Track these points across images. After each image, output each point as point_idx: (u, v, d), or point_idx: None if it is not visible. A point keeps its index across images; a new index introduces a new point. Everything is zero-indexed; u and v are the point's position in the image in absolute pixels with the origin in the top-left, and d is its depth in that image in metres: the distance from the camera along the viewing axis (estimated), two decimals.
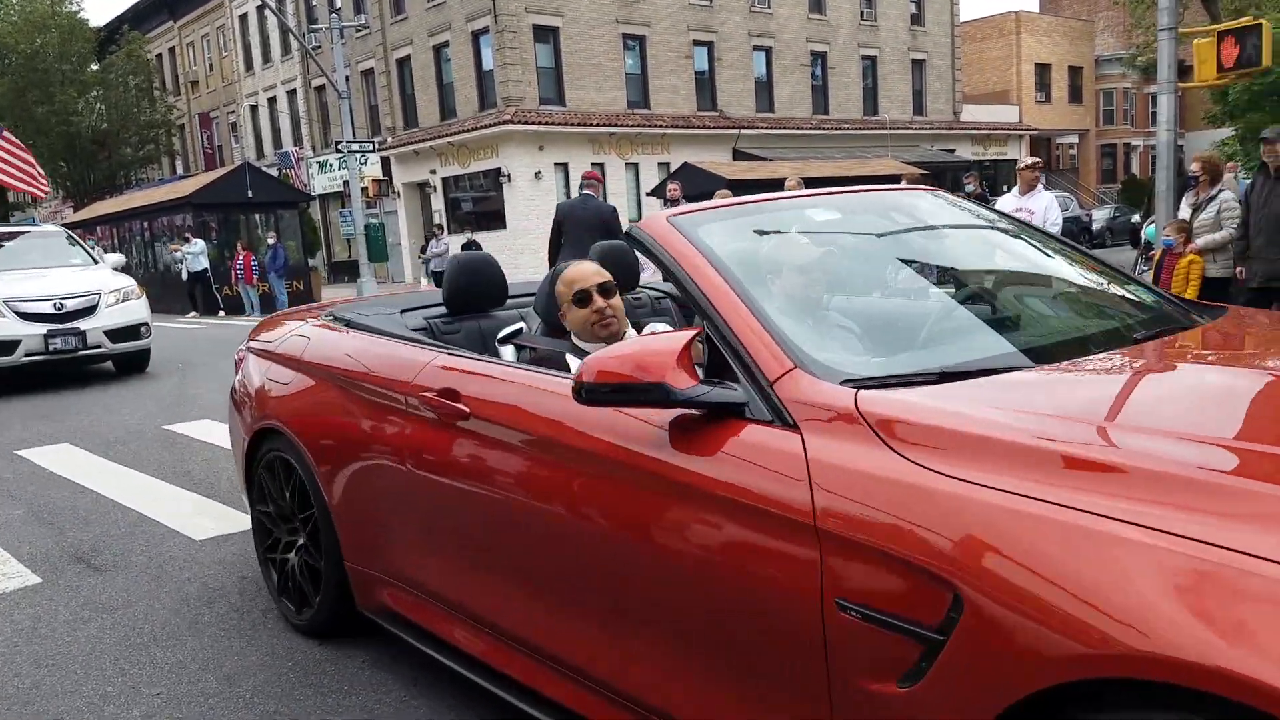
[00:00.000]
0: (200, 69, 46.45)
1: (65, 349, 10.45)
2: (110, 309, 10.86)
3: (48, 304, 10.44)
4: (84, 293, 10.77)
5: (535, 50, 29.39)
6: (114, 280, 11.37)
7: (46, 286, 10.68)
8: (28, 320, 10.30)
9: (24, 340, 10.23)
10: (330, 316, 3.83)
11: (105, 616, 4.02)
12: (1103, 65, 50.90)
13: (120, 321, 10.94)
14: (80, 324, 10.57)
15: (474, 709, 3.10)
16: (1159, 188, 11.14)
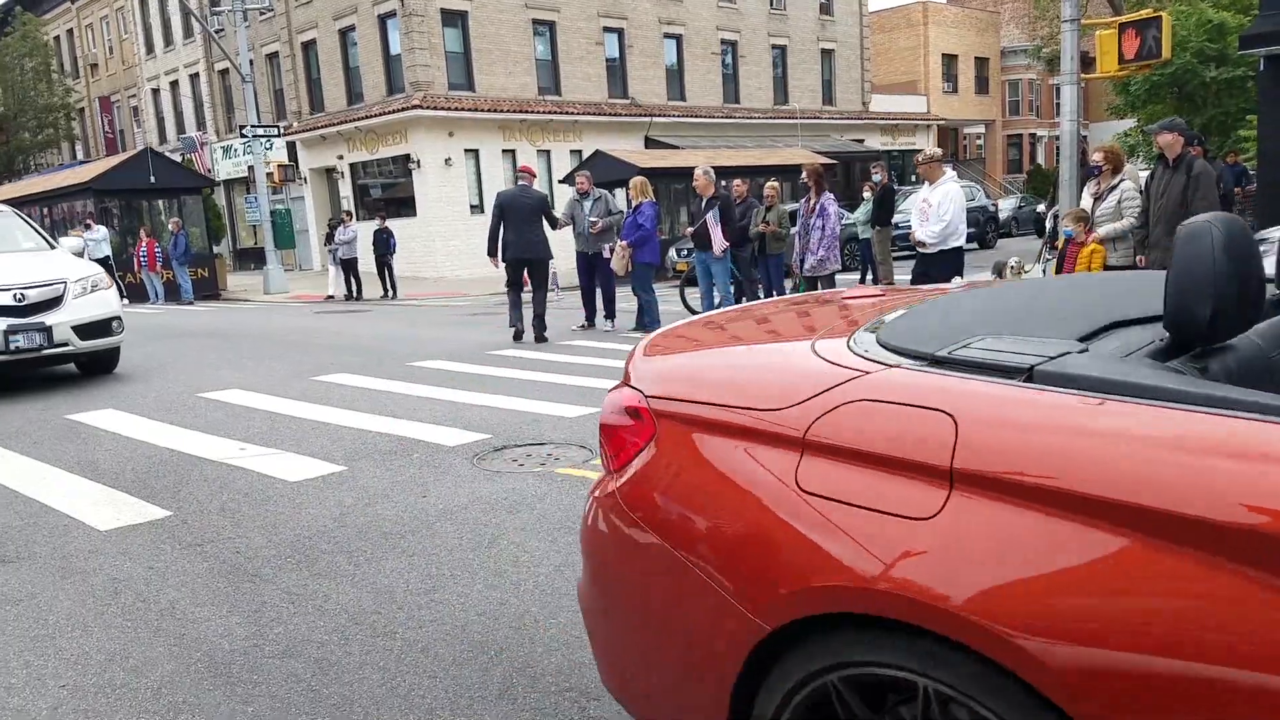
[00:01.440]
0: (100, 51, 44.77)
1: (28, 348, 8.74)
2: (78, 300, 9.16)
3: (6, 295, 8.72)
4: (47, 281, 9.05)
5: (444, 34, 29.01)
6: (79, 267, 9.66)
7: (3, 274, 8.96)
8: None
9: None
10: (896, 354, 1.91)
11: (9, 608, 3.92)
12: (1008, 56, 52.25)
13: (90, 315, 9.24)
14: (45, 318, 8.85)
15: (390, 698, 3.13)
16: (1063, 177, 11.54)
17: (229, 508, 5.21)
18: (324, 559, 4.36)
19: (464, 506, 5.06)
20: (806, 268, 10.60)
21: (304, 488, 5.55)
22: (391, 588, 3.98)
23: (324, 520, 4.92)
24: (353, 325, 15.70)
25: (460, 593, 3.90)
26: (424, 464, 5.99)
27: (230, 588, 4.05)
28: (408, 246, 27.52)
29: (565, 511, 4.90)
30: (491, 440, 6.53)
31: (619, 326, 12.92)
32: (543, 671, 3.21)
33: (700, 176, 11.88)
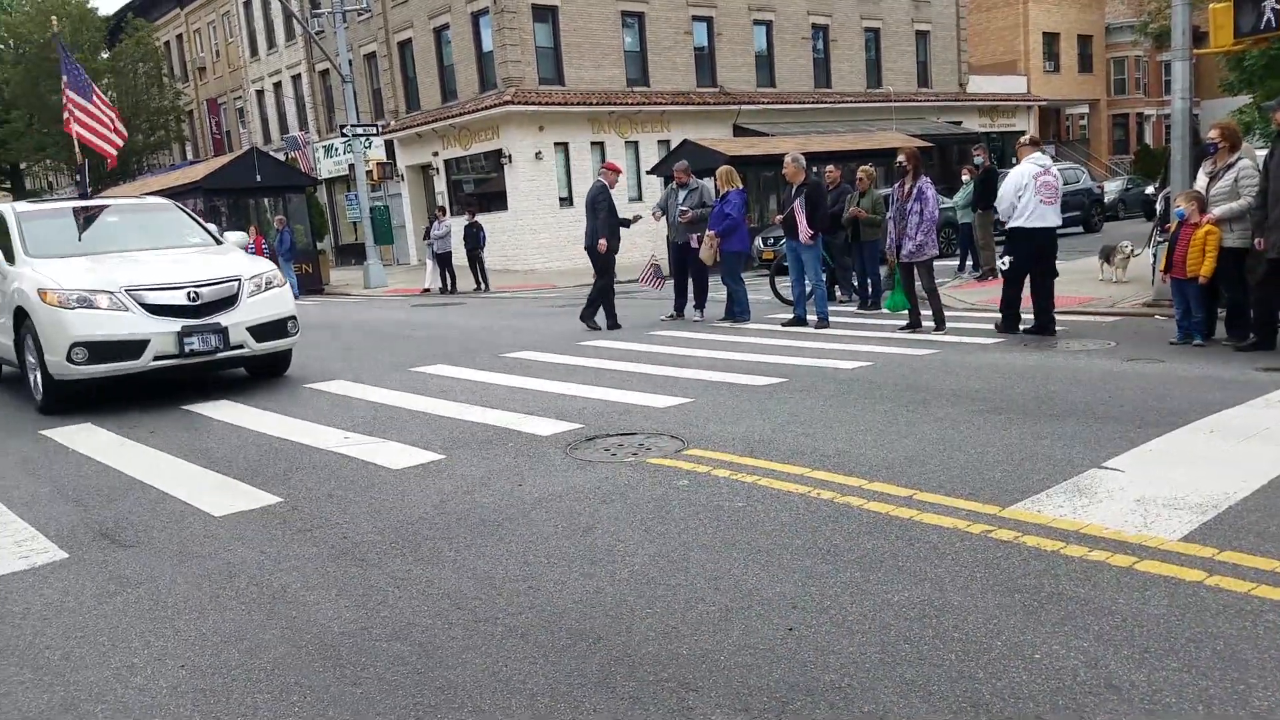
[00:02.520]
0: (207, 55, 46.40)
1: (203, 350, 8.24)
2: (252, 299, 8.64)
3: (180, 293, 8.25)
4: (222, 279, 8.54)
5: (534, 30, 29.28)
6: (251, 263, 9.12)
7: (176, 271, 8.53)
8: (157, 315, 8.10)
9: (153, 340, 8.05)
10: None
11: (130, 590, 4.11)
12: (1113, 33, 50.46)
13: (265, 315, 8.70)
14: (220, 318, 8.34)
15: (491, 683, 3.18)
16: (1174, 158, 11.08)
17: (336, 494, 5.37)
18: (426, 545, 4.46)
19: (558, 495, 5.12)
20: (904, 253, 10.39)
21: (406, 475, 5.69)
22: (491, 574, 4.06)
23: (425, 507, 5.03)
24: (448, 318, 15.99)
25: (557, 580, 3.95)
26: (519, 453, 6.07)
27: (339, 572, 4.18)
28: (499, 240, 27.89)
29: (658, 502, 4.92)
30: (584, 430, 6.59)
31: (708, 316, 12.89)
32: (640, 660, 3.23)
33: (789, 163, 11.77)
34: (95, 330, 7.87)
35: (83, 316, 7.88)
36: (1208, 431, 5.72)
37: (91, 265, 8.52)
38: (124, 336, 7.97)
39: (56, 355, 7.89)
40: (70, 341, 7.82)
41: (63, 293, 7.95)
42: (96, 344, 7.89)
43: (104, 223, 10.01)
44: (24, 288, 8.26)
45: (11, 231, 9.05)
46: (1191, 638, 3.18)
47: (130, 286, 8.12)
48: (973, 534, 4.21)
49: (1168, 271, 9.07)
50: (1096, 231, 26.51)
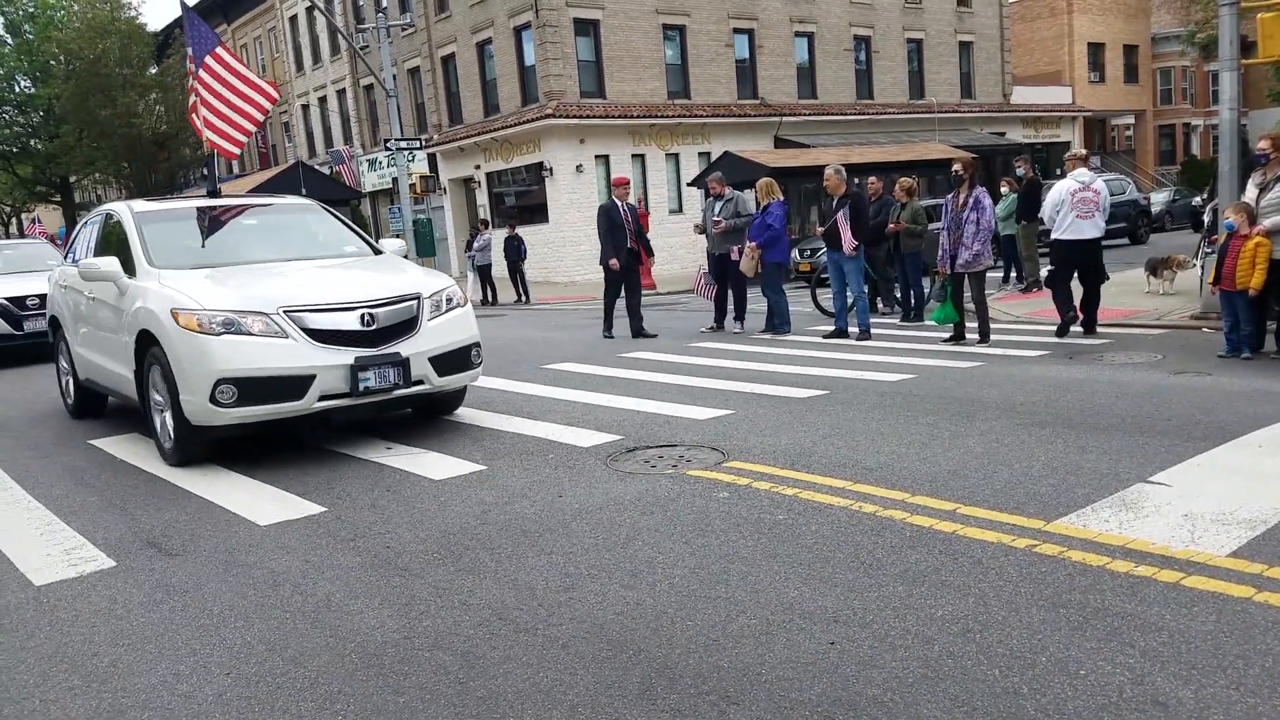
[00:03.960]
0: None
1: (379, 388, 6.49)
2: (434, 323, 6.92)
3: (352, 316, 6.49)
4: (399, 297, 6.81)
5: (576, 44, 29.47)
6: (429, 278, 7.36)
7: (343, 288, 6.79)
8: (323, 343, 6.36)
9: (320, 375, 6.28)
10: None
11: (177, 599, 4.18)
12: (1159, 43, 49.81)
13: (448, 342, 6.96)
14: (399, 346, 6.62)
15: (533, 693, 3.20)
16: (1222, 168, 10.90)
17: (379, 504, 5.42)
18: (468, 555, 4.49)
19: (599, 507, 5.13)
20: (959, 263, 10.27)
21: (447, 486, 5.73)
22: (532, 584, 4.07)
23: (466, 518, 5.06)
24: (489, 329, 16.08)
25: (598, 591, 3.95)
26: (559, 464, 6.10)
27: (381, 581, 4.21)
28: (539, 252, 28.03)
29: (698, 514, 4.92)
30: (624, 441, 6.59)
31: (748, 328, 12.86)
32: (681, 673, 3.22)
33: (831, 175, 11.72)
34: (248, 363, 6.15)
35: (231, 345, 6.17)
36: (1256, 446, 5.61)
37: (235, 280, 6.79)
38: (285, 370, 6.22)
39: (196, 394, 6.15)
40: (215, 377, 6.10)
41: (205, 315, 6.23)
42: (249, 380, 6.15)
43: (240, 227, 8.31)
44: (151, 307, 6.55)
45: (130, 237, 7.44)
46: (1240, 654, 3.12)
47: (289, 307, 6.37)
48: (1017, 549, 4.16)
49: (1216, 283, 8.93)
50: (1143, 243, 26.13)
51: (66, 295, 8.68)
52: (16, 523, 5.54)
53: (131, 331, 6.85)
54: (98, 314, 7.72)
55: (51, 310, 9.32)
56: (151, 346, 6.59)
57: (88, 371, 8.26)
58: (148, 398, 6.89)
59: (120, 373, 7.30)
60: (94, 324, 7.86)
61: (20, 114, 45.30)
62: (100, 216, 8.51)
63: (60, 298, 8.96)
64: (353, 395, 6.42)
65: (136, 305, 6.81)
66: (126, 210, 7.88)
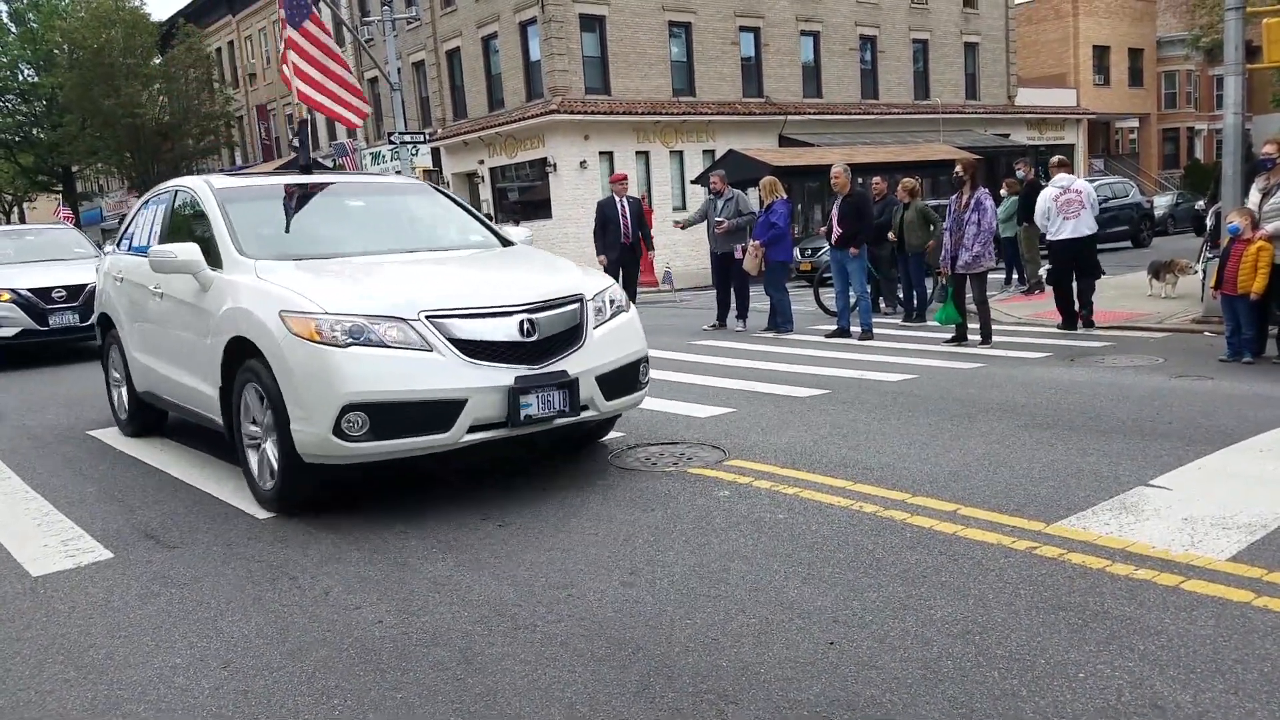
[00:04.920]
0: (258, 62, 47.15)
1: (541, 416, 5.11)
2: (600, 332, 5.53)
3: (509, 323, 5.11)
4: (560, 298, 5.43)
5: (581, 40, 29.45)
6: (588, 277, 5.93)
7: (493, 287, 5.40)
8: (475, 358, 4.97)
9: (472, 400, 4.90)
10: None
11: (174, 591, 4.17)
12: (1165, 47, 49.77)
13: (617, 357, 5.58)
14: (565, 363, 5.23)
15: (531, 691, 3.19)
16: (1226, 172, 10.89)
17: (378, 496, 5.41)
18: (466, 550, 4.48)
19: (599, 503, 5.12)
20: (960, 264, 10.27)
21: (447, 478, 5.71)
22: (530, 581, 4.06)
23: (466, 512, 5.05)
24: None
25: (596, 589, 3.94)
26: (560, 459, 6.08)
27: (380, 575, 4.20)
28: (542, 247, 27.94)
29: (699, 512, 4.91)
30: (625, 438, 6.59)
31: (750, 327, 12.85)
32: (679, 671, 3.21)
33: (839, 173, 11.71)
34: (384, 383, 4.78)
35: (362, 360, 4.78)
36: (1257, 450, 5.60)
37: (357, 276, 5.43)
38: (430, 394, 4.84)
39: (314, 423, 4.79)
40: (342, 402, 4.72)
41: (327, 320, 4.86)
42: (385, 406, 4.78)
43: (345, 209, 6.86)
44: (249, 309, 5.21)
45: (213, 219, 6.02)
46: (1239, 659, 3.11)
47: (433, 311, 4.98)
48: (1017, 550, 4.15)
49: (1218, 288, 8.92)
50: (1145, 246, 26.10)
51: (123, 290, 7.17)
52: (14, 513, 5.54)
53: (218, 338, 5.46)
54: (168, 314, 6.30)
55: (101, 307, 7.77)
56: (247, 359, 5.21)
57: (149, 383, 6.83)
58: (238, 423, 5.43)
59: (198, 388, 5.92)
60: (161, 326, 6.47)
61: (23, 103, 45.24)
62: (167, 194, 7.04)
63: (113, 292, 7.39)
64: (509, 425, 5.01)
65: (226, 306, 5.43)
66: (205, 186, 6.39)
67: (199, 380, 5.89)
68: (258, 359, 5.11)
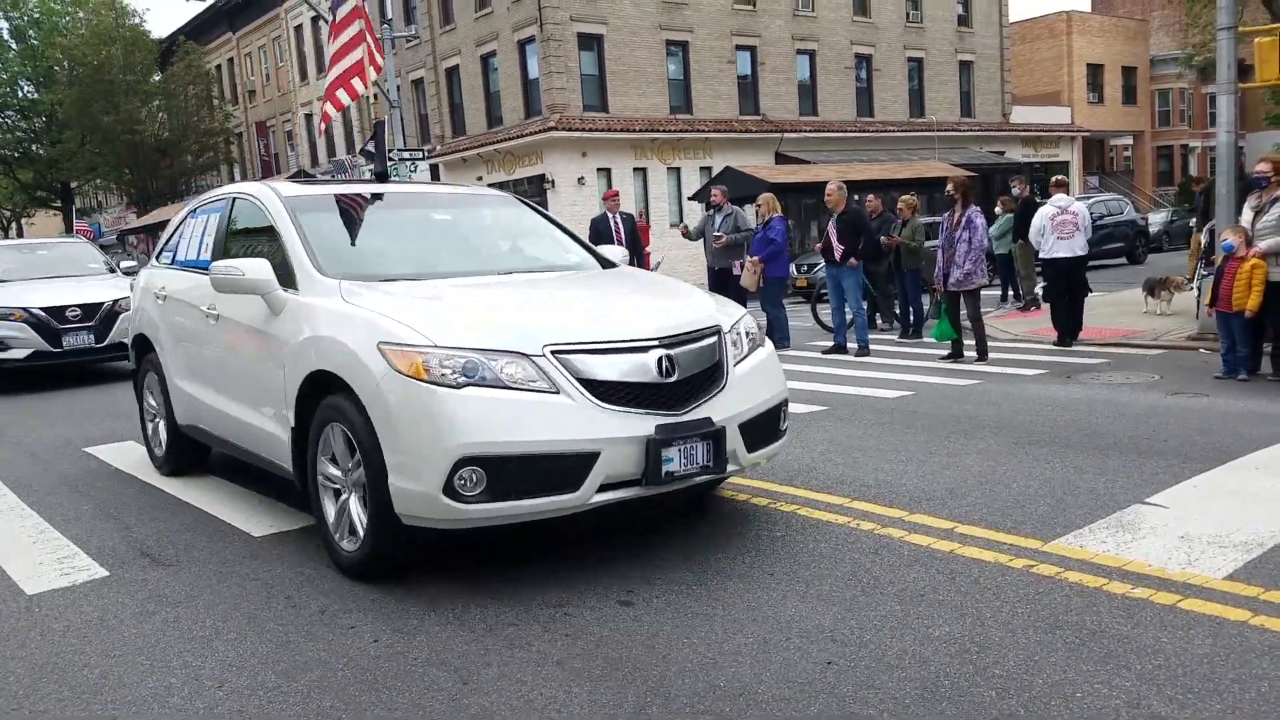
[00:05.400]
0: (257, 79, 47.29)
1: (685, 473, 4.27)
2: (740, 369, 4.66)
3: (645, 360, 4.27)
4: (695, 331, 4.55)
5: (580, 58, 29.60)
6: (721, 304, 5.16)
7: (622, 317, 4.55)
8: (608, 402, 4.15)
9: (605, 452, 4.08)
10: None
11: (169, 610, 4.15)
12: (1158, 65, 50.05)
13: (761, 401, 4.70)
14: (708, 408, 4.37)
15: (527, 711, 3.18)
16: (1219, 190, 10.95)
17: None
18: (462, 568, 4.46)
19: (589, 521, 5.11)
20: (951, 282, 10.31)
21: None
22: (526, 599, 4.05)
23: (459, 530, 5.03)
24: None
25: (592, 607, 3.94)
26: None
27: (376, 594, 4.19)
28: None
29: (691, 530, 4.90)
30: None
31: None
32: (677, 692, 3.20)
33: (833, 190, 11.76)
34: (507, 431, 3.97)
35: (481, 404, 3.98)
36: (1253, 468, 5.61)
37: (464, 301, 4.67)
38: (559, 446, 4.03)
39: (421, 478, 3.98)
40: (457, 454, 3.92)
41: (436, 354, 4.06)
42: (507, 460, 3.98)
43: (430, 223, 6.08)
44: (337, 337, 4.40)
45: (284, 231, 5.22)
46: (1235, 679, 3.11)
47: (558, 344, 4.17)
48: (1014, 569, 4.15)
49: (1213, 305, 8.94)
50: (1140, 263, 26.16)
51: (166, 309, 6.37)
52: (9, 530, 5.52)
53: (294, 371, 4.66)
54: (225, 339, 5.53)
55: (137, 327, 6.89)
56: (330, 395, 4.44)
57: (194, 416, 6.05)
58: (313, 471, 4.64)
59: (260, 427, 5.15)
60: (215, 352, 5.71)
61: (23, 119, 45.37)
62: (221, 202, 6.14)
63: (154, 311, 6.54)
64: (645, 483, 4.17)
65: (304, 334, 4.63)
66: (272, 194, 5.55)
67: (263, 417, 5.10)
68: (345, 396, 4.31)
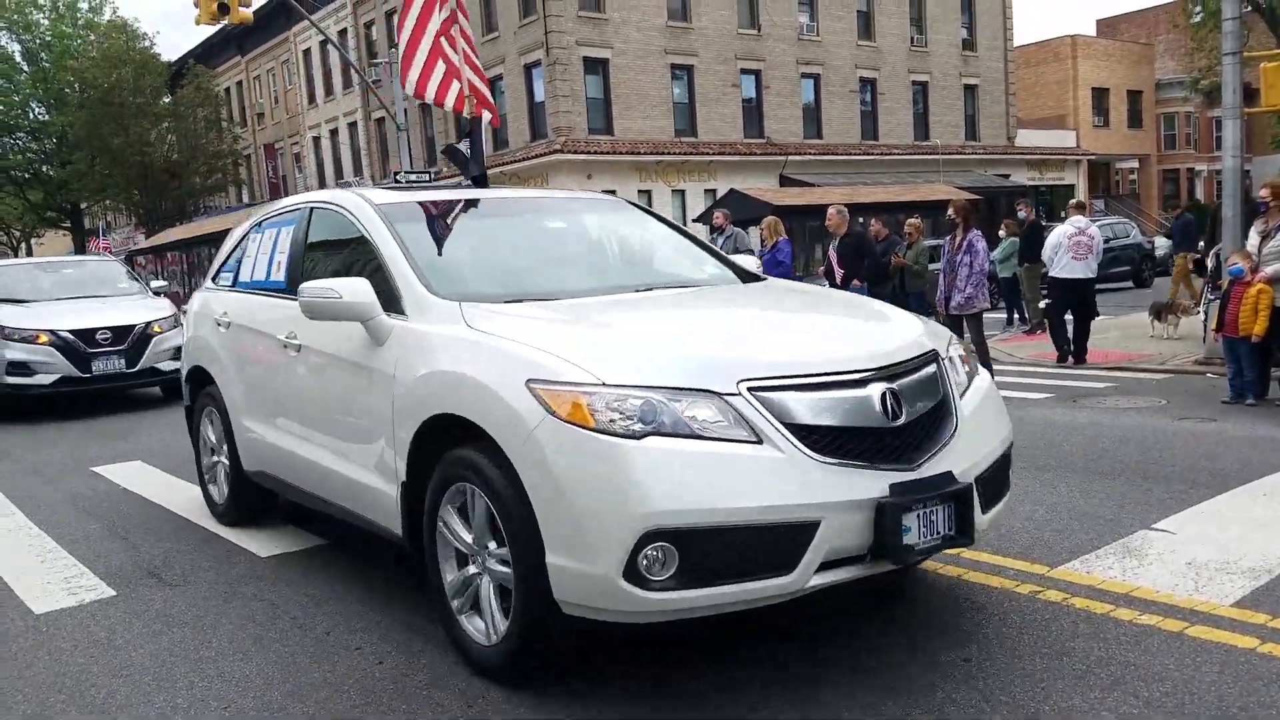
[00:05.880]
0: (266, 102, 47.64)
1: (926, 545, 3.30)
2: (967, 408, 3.70)
3: (864, 396, 3.32)
4: (913, 358, 3.61)
5: (585, 81, 29.81)
6: (924, 323, 4.14)
7: (822, 342, 3.71)
8: (827, 454, 3.17)
9: (828, 521, 3.11)
10: None
11: (176, 630, 4.16)
12: (1164, 89, 50.19)
13: (993, 446, 3.77)
14: (944, 460, 3.40)
15: None
16: (1225, 215, 10.97)
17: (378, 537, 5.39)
18: None
19: None
20: (952, 305, 10.31)
21: None
22: None
23: None
24: None
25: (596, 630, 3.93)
26: None
27: (381, 615, 4.20)
28: None
29: None
30: None
31: None
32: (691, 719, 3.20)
33: (833, 214, 11.81)
34: (703, 496, 3.04)
35: (669, 460, 3.07)
36: (1261, 494, 5.60)
37: (619, 324, 3.87)
38: (770, 513, 3.09)
39: (595, 557, 3.07)
40: (642, 526, 3.01)
41: (603, 394, 3.17)
42: (705, 534, 3.05)
43: (546, 233, 5.18)
44: (468, 373, 3.52)
45: (382, 245, 4.36)
46: (1243, 706, 3.10)
47: (756, 379, 3.25)
48: (1020, 594, 4.14)
49: (1219, 330, 8.94)
50: (1147, 287, 26.14)
51: (229, 337, 5.55)
52: (18, 549, 5.54)
53: (406, 413, 3.79)
54: (308, 374, 4.68)
55: (193, 358, 6.06)
56: (458, 447, 3.54)
57: (265, 461, 5.21)
58: (430, 536, 3.76)
59: (358, 480, 4.24)
60: (294, 388, 4.84)
61: (34, 140, 45.68)
62: (296, 213, 5.31)
63: (214, 340, 5.71)
64: (874, 558, 3.24)
65: (420, 369, 3.74)
66: (362, 202, 4.68)
67: (360, 467, 4.22)
68: (480, 449, 3.41)
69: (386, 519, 4.07)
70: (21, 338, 10.73)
